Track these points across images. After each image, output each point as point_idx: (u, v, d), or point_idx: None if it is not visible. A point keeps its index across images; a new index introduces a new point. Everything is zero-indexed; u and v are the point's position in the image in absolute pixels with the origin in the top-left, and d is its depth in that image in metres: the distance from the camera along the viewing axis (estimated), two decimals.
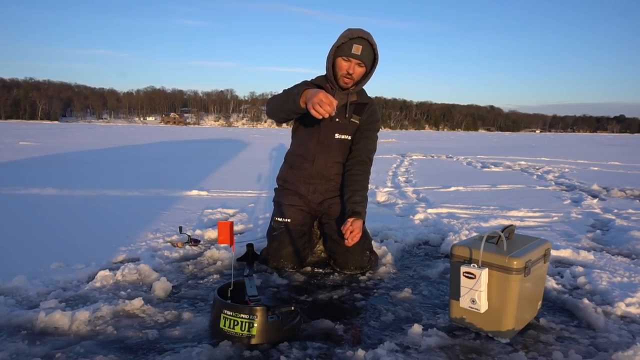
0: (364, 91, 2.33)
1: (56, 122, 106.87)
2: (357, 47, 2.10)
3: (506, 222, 3.30)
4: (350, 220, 2.05)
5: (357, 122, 2.29)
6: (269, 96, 2.26)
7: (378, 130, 2.37)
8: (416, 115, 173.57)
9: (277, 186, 2.46)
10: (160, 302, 1.86)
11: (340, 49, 2.12)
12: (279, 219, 2.32)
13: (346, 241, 2.01)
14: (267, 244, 2.37)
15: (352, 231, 2.01)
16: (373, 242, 2.47)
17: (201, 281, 2.11)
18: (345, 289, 2.05)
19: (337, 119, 2.25)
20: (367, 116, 2.30)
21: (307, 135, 2.30)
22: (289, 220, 2.30)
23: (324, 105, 1.76)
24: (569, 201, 4.52)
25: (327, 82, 2.24)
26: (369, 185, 2.30)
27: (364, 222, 2.14)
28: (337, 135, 2.27)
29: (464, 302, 1.54)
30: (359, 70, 2.16)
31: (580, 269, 2.27)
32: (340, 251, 2.25)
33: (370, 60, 2.17)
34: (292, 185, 2.36)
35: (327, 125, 2.25)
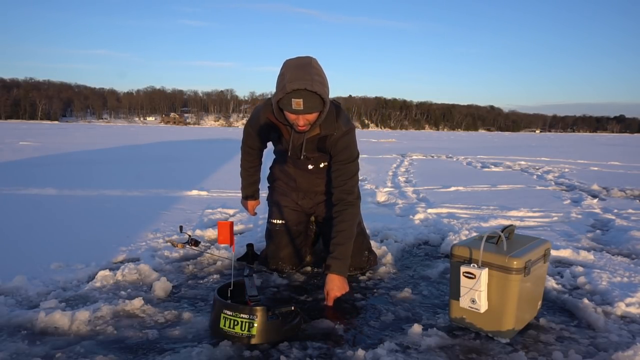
0: (328, 116, 1.99)
1: (56, 122, 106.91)
2: (297, 102, 1.80)
3: (506, 222, 3.30)
4: (327, 285, 1.90)
5: (325, 152, 2.08)
6: (269, 96, 2.19)
7: (353, 157, 2.08)
8: (416, 115, 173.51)
9: (268, 184, 2.43)
10: (160, 302, 1.86)
11: (281, 103, 1.85)
12: (273, 220, 2.31)
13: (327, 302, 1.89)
14: (265, 246, 2.37)
15: (333, 295, 1.89)
16: (373, 242, 2.47)
17: (201, 281, 2.11)
18: None
19: (304, 154, 2.07)
20: (332, 147, 2.04)
21: (284, 159, 2.23)
22: (283, 222, 2.28)
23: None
24: (569, 201, 4.52)
25: (281, 122, 2.03)
26: (369, 186, 2.28)
27: (344, 272, 1.96)
28: (310, 166, 2.16)
29: (464, 302, 1.54)
30: (311, 117, 1.88)
31: (580, 269, 2.27)
32: None
33: (319, 104, 1.84)
34: (282, 190, 2.33)
35: (296, 159, 2.15)
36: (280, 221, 2.28)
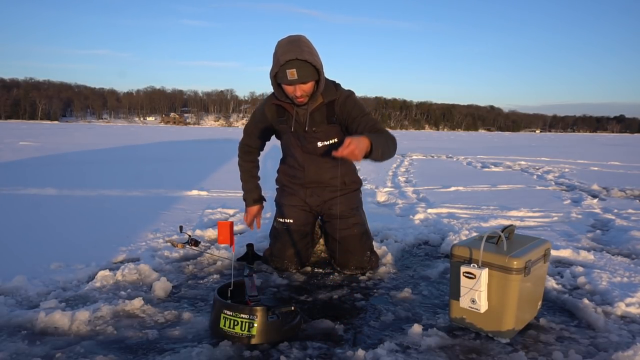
0: (328, 87, 2.12)
1: (56, 122, 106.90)
2: (291, 72, 1.92)
3: (506, 222, 3.30)
4: (353, 137, 1.72)
5: (335, 122, 2.15)
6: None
7: (366, 111, 2.13)
8: (416, 115, 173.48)
9: (277, 186, 2.46)
10: (160, 302, 1.86)
11: (278, 77, 1.98)
12: (281, 219, 2.32)
13: (337, 151, 1.68)
14: (270, 245, 2.37)
15: (350, 144, 1.67)
16: (373, 242, 2.47)
17: (201, 281, 2.11)
18: (345, 289, 2.05)
19: (313, 129, 2.13)
20: (341, 111, 2.12)
21: (292, 146, 2.23)
22: (291, 221, 2.28)
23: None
24: (569, 201, 4.52)
25: (284, 101, 2.11)
26: (369, 186, 2.28)
27: (371, 152, 1.79)
28: (319, 144, 2.17)
29: (464, 302, 1.54)
30: (307, 87, 1.99)
31: (580, 269, 2.27)
32: (341, 250, 2.25)
33: (312, 72, 1.96)
34: (290, 189, 2.34)
35: (306, 137, 2.17)
36: (289, 220, 2.29)
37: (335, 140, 2.18)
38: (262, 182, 2.48)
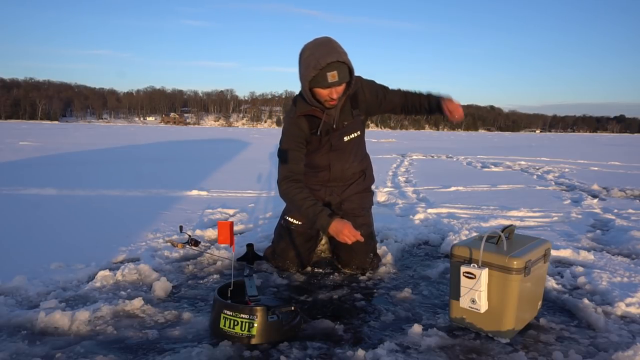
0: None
1: (56, 122, 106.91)
2: (332, 75, 1.90)
3: (506, 222, 3.30)
4: (445, 100, 2.11)
5: (359, 113, 2.18)
6: (269, 96, 2.22)
7: (384, 86, 2.24)
8: (416, 115, 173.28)
9: None
10: (160, 302, 1.86)
11: (315, 81, 1.92)
12: (290, 218, 2.29)
13: (450, 113, 2.08)
14: (273, 241, 2.37)
15: (455, 107, 2.07)
16: (376, 245, 2.47)
17: (201, 281, 2.11)
18: (345, 289, 2.05)
19: (345, 123, 2.14)
20: (366, 95, 2.17)
21: (315, 150, 2.17)
22: (300, 223, 2.27)
23: (348, 239, 1.88)
24: (569, 201, 4.52)
25: (313, 106, 2.06)
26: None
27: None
28: (346, 138, 2.17)
29: (464, 302, 1.54)
30: (341, 89, 1.99)
31: (580, 269, 2.27)
32: (345, 249, 2.25)
33: (347, 75, 1.96)
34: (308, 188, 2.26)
35: (334, 135, 2.14)
36: (298, 222, 2.26)
37: (358, 132, 2.21)
38: (262, 182, 2.47)
